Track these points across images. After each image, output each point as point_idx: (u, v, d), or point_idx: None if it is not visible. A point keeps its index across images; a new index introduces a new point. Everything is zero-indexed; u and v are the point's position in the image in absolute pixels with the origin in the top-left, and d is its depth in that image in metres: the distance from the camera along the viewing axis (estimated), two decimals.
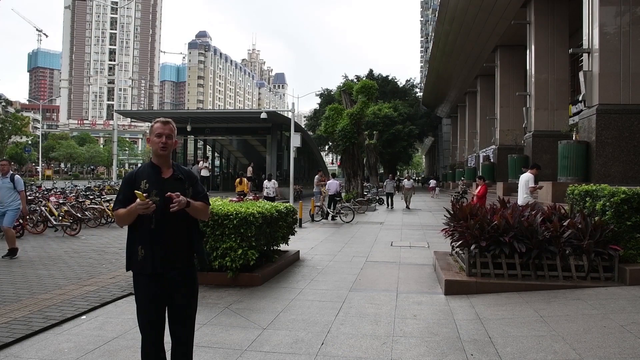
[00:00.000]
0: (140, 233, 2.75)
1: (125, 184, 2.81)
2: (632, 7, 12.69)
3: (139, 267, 2.76)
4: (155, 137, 2.80)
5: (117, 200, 2.78)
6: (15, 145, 67.17)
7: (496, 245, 5.64)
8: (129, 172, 2.93)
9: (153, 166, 2.83)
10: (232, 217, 5.97)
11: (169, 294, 2.81)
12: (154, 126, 2.84)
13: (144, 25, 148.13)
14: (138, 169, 2.88)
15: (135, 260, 2.77)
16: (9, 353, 3.83)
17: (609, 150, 12.39)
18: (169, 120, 2.87)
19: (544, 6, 19.27)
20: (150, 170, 2.80)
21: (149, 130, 2.92)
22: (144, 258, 2.73)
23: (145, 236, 2.74)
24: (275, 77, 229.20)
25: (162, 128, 2.80)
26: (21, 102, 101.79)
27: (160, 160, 2.83)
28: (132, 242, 2.80)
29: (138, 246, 2.75)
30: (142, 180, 2.75)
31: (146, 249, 2.73)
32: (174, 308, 2.86)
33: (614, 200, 5.72)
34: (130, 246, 2.81)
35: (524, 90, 21.86)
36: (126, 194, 2.74)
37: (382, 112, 42.07)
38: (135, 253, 2.76)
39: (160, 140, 2.78)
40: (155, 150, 2.81)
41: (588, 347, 3.74)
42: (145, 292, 2.77)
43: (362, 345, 4.00)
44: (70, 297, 5.48)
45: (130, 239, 2.82)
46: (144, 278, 2.76)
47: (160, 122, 2.84)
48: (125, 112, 48.91)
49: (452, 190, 34.63)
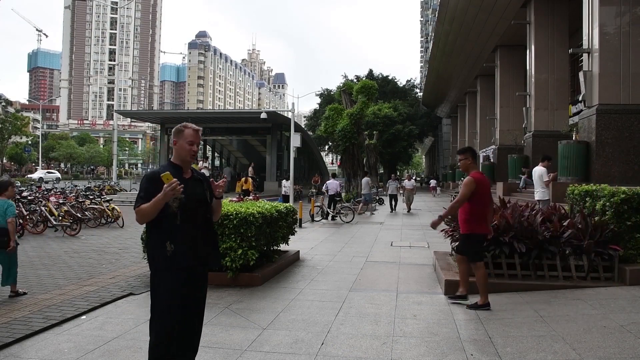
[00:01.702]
0: (166, 229, 2.78)
1: (150, 181, 2.81)
2: (632, 7, 12.68)
3: (169, 262, 2.76)
4: (187, 144, 2.91)
5: (139, 197, 2.77)
6: (15, 145, 67.14)
7: (496, 245, 5.64)
8: (151, 171, 2.93)
9: (175, 166, 2.90)
10: (232, 217, 5.97)
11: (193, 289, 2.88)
12: (186, 132, 2.91)
13: (144, 25, 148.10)
14: (160, 168, 2.91)
15: (164, 256, 2.76)
16: (9, 353, 3.83)
17: (609, 150, 12.38)
18: (199, 129, 3.01)
19: (544, 6, 19.26)
20: (172, 170, 2.85)
21: (177, 133, 2.94)
22: (174, 253, 2.76)
23: (172, 232, 2.78)
24: (275, 77, 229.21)
25: (194, 136, 2.93)
26: (21, 102, 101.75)
27: (184, 163, 2.93)
28: (157, 239, 2.80)
29: (165, 242, 2.77)
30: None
31: (176, 244, 2.77)
32: (194, 301, 2.93)
33: (614, 200, 5.72)
34: (154, 243, 2.81)
35: (524, 90, 21.85)
36: (150, 191, 2.75)
37: (382, 112, 42.07)
38: (163, 249, 2.76)
39: (192, 148, 2.92)
40: (185, 155, 2.91)
41: (588, 347, 3.75)
42: (175, 286, 2.77)
43: (362, 345, 4.00)
44: (70, 297, 5.48)
45: (154, 236, 2.82)
46: (173, 273, 2.77)
47: (193, 129, 2.94)
48: (125, 112, 48.98)
49: (452, 190, 34.61)
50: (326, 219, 16.05)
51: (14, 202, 5.97)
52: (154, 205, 2.69)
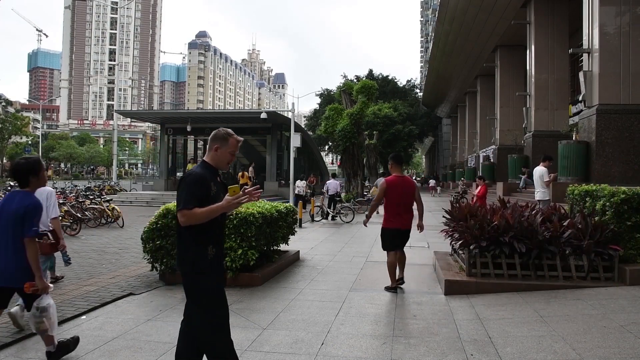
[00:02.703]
0: (209, 233, 2.81)
1: (198, 184, 2.77)
2: (632, 7, 12.69)
3: (211, 266, 2.82)
4: (229, 153, 2.93)
5: (191, 198, 2.71)
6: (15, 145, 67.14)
7: (496, 245, 5.64)
8: (198, 173, 2.82)
9: (211, 168, 2.92)
10: (232, 217, 5.98)
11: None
12: (231, 141, 2.94)
13: (144, 25, 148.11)
14: (204, 172, 2.85)
15: (206, 260, 2.80)
16: (9, 353, 3.83)
17: (609, 151, 12.38)
18: (241, 139, 3.05)
19: (544, 6, 19.26)
20: (213, 175, 2.89)
21: (222, 140, 2.93)
22: (215, 256, 2.84)
23: (215, 236, 2.85)
24: (275, 77, 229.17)
25: (237, 147, 2.98)
26: (21, 102, 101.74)
27: (221, 168, 2.98)
28: (200, 243, 2.80)
29: (208, 246, 2.80)
30: (211, 183, 2.83)
31: (217, 248, 2.85)
32: None
33: (614, 200, 5.72)
34: (197, 247, 2.79)
35: (524, 90, 21.85)
36: (199, 194, 2.74)
37: (382, 112, 42.05)
38: (205, 253, 2.79)
39: (232, 158, 2.97)
40: (222, 163, 2.94)
41: (588, 347, 3.74)
42: (218, 290, 2.86)
43: (362, 345, 4.00)
44: (70, 297, 5.48)
45: (197, 240, 2.79)
46: (213, 276, 2.85)
47: (237, 140, 2.98)
48: (125, 112, 48.90)
49: (452, 190, 34.61)
50: (326, 219, 16.06)
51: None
52: (209, 213, 2.71)
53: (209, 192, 2.76)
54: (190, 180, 2.79)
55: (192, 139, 31.88)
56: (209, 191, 2.76)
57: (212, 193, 2.77)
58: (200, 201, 2.71)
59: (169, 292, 5.79)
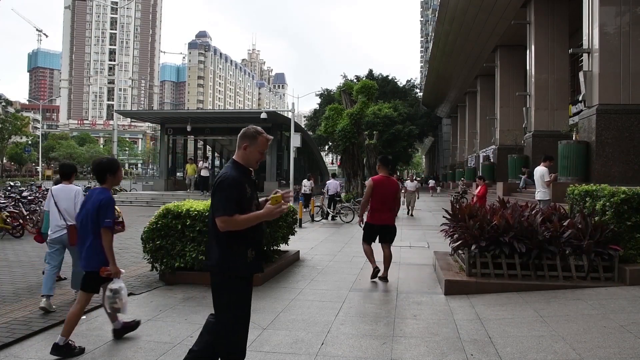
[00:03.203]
0: (248, 237, 2.80)
1: (235, 188, 2.76)
2: (632, 7, 12.69)
3: (249, 269, 2.82)
4: (258, 152, 2.92)
5: (231, 204, 2.69)
6: (15, 145, 67.19)
7: (496, 245, 5.64)
8: (233, 176, 2.79)
9: (242, 168, 2.90)
10: None
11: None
12: (260, 140, 2.90)
13: (144, 25, 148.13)
14: (237, 173, 2.83)
15: (244, 263, 2.79)
16: (9, 353, 3.83)
17: (609, 151, 12.38)
18: (271, 138, 3.05)
19: (544, 6, 19.26)
20: (246, 176, 2.89)
21: (251, 138, 2.91)
22: (255, 259, 2.83)
23: (254, 238, 2.84)
24: (275, 77, 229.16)
25: (266, 146, 2.95)
26: (21, 102, 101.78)
27: (251, 167, 2.97)
28: (240, 245, 2.78)
29: (248, 249, 2.80)
30: (246, 184, 2.82)
31: (256, 250, 2.84)
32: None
33: (614, 200, 5.72)
34: (236, 249, 2.78)
35: (524, 90, 21.85)
36: (238, 199, 2.73)
37: (382, 112, 42.03)
38: (244, 256, 2.79)
39: (262, 157, 2.96)
40: (252, 162, 2.93)
41: (588, 347, 3.74)
42: (248, 292, 2.88)
43: (362, 345, 4.00)
44: (70, 297, 5.48)
45: (236, 242, 2.78)
46: (246, 280, 2.85)
47: (266, 138, 2.95)
48: (125, 112, 48.90)
49: (452, 190, 34.61)
50: (326, 219, 16.06)
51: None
52: (251, 220, 2.73)
53: (244, 194, 2.76)
54: (226, 184, 2.75)
55: (192, 139, 31.85)
56: (244, 193, 2.76)
57: (247, 195, 2.77)
58: (238, 205, 2.71)
59: (169, 292, 5.79)
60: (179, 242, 6.11)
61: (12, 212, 11.19)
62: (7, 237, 10.82)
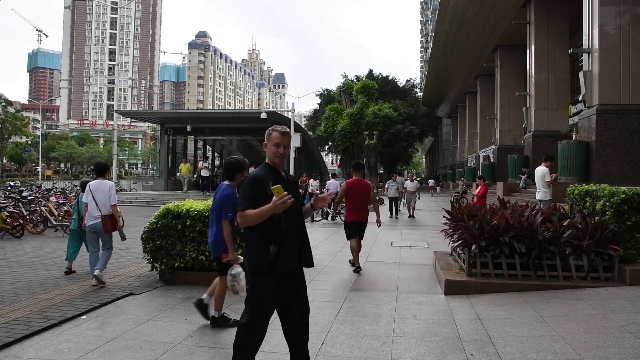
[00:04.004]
0: (270, 233, 2.82)
1: (253, 185, 2.86)
2: (632, 7, 12.69)
3: (273, 266, 2.82)
4: (273, 146, 2.97)
5: (245, 199, 2.81)
6: (15, 145, 67.18)
7: (496, 245, 5.64)
8: (254, 174, 2.94)
9: (272, 169, 2.98)
10: None
11: (289, 293, 2.92)
12: (273, 135, 2.99)
13: (144, 25, 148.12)
14: (261, 172, 2.94)
15: (267, 260, 2.81)
16: (9, 353, 3.83)
17: (609, 150, 12.38)
18: (287, 130, 3.07)
19: (544, 6, 19.25)
20: (271, 173, 2.93)
21: (267, 136, 3.02)
22: (278, 256, 2.82)
23: (277, 235, 2.83)
24: (275, 77, 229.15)
25: (281, 138, 2.98)
26: (21, 102, 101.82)
27: (276, 166, 3.01)
28: (260, 242, 2.83)
29: (269, 245, 2.81)
30: (269, 182, 2.85)
31: (280, 247, 2.83)
32: (296, 302, 2.97)
33: (614, 200, 5.72)
34: (257, 246, 2.84)
35: (524, 90, 21.85)
36: (254, 195, 2.81)
37: (382, 112, 42.02)
38: (266, 252, 2.81)
39: (277, 150, 2.98)
40: (273, 158, 2.99)
41: (588, 347, 3.74)
42: (273, 291, 2.85)
43: (362, 345, 4.00)
44: (70, 297, 5.48)
45: (256, 239, 2.85)
46: (273, 278, 2.83)
47: (279, 132, 3.00)
48: (125, 112, 48.88)
49: (452, 190, 34.61)
50: (326, 219, 16.05)
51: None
52: (260, 215, 2.75)
53: (264, 191, 2.80)
54: (245, 182, 2.94)
55: (192, 139, 31.81)
56: (264, 190, 2.80)
57: (268, 192, 2.80)
58: (255, 202, 2.78)
59: (169, 292, 5.79)
60: (179, 242, 6.12)
61: (12, 212, 11.19)
62: (7, 237, 10.82)
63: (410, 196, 17.33)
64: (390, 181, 17.78)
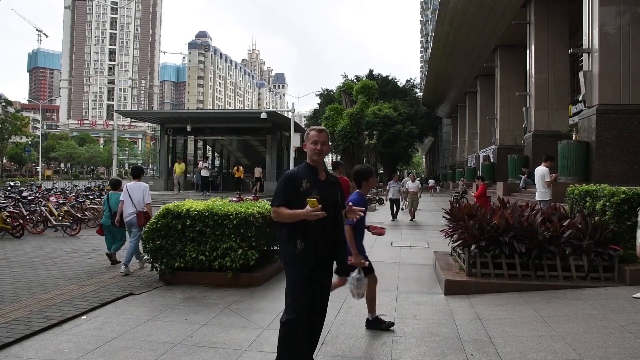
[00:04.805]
0: (299, 228, 2.96)
1: (288, 182, 3.02)
2: (632, 7, 12.68)
3: (297, 258, 2.97)
4: (311, 144, 3.13)
5: (279, 196, 2.99)
6: (15, 146, 67.18)
7: (496, 245, 5.64)
8: (289, 172, 3.13)
9: (310, 168, 3.11)
10: (232, 217, 5.97)
11: (317, 287, 3.09)
12: (310, 133, 3.17)
13: (144, 25, 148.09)
14: (297, 170, 3.10)
15: (293, 253, 2.98)
16: (9, 353, 3.83)
17: (609, 150, 12.38)
18: (323, 128, 3.20)
19: (544, 6, 19.24)
20: (308, 172, 3.06)
21: (305, 136, 3.19)
22: (303, 251, 2.96)
23: (305, 231, 2.96)
24: (275, 77, 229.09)
25: (318, 136, 3.14)
26: (21, 102, 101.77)
27: (316, 164, 3.12)
28: (290, 236, 2.99)
29: (297, 240, 2.96)
30: (303, 180, 2.99)
31: (306, 242, 2.97)
32: (319, 299, 3.16)
33: (614, 200, 5.72)
34: (288, 239, 3.01)
35: (524, 90, 21.83)
36: (288, 191, 2.99)
37: (382, 112, 42.05)
38: (293, 246, 2.97)
39: (315, 147, 3.11)
40: (311, 155, 3.13)
41: (588, 347, 3.75)
42: (304, 282, 3.00)
43: (362, 345, 4.00)
44: (70, 297, 5.48)
45: (287, 233, 3.01)
46: (299, 269, 2.99)
47: (316, 130, 3.16)
48: (125, 112, 48.85)
49: (452, 190, 34.60)
50: None
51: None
52: (292, 217, 2.93)
53: (298, 188, 2.96)
54: (281, 179, 3.12)
55: (192, 139, 31.81)
56: (298, 188, 2.96)
57: (301, 189, 2.95)
58: (288, 198, 2.96)
59: (169, 292, 5.79)
60: (179, 242, 6.12)
61: (12, 212, 11.18)
62: (7, 237, 10.82)
63: (411, 197, 16.05)
64: (392, 182, 16.81)
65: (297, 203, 2.95)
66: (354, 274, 4.12)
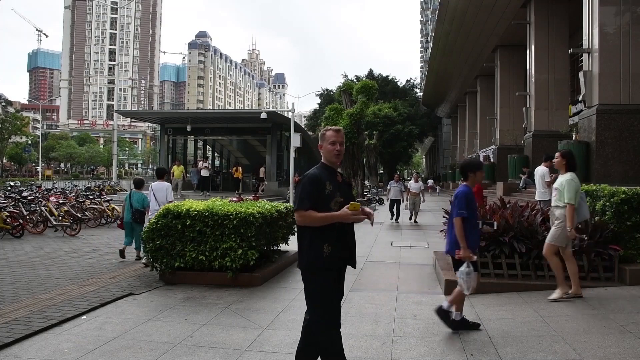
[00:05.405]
0: (325, 232, 2.89)
1: (313, 184, 2.92)
2: (632, 7, 12.68)
3: (327, 263, 2.90)
4: (329, 144, 3.02)
5: (306, 199, 2.87)
6: (15, 145, 67.13)
7: (496, 245, 5.64)
8: (312, 174, 2.98)
9: (329, 169, 3.03)
10: (232, 217, 5.98)
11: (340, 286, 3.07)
12: (327, 134, 3.06)
13: (144, 25, 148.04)
14: (318, 171, 3.00)
15: (321, 257, 2.89)
16: (9, 353, 3.83)
17: (609, 150, 12.38)
18: (340, 128, 3.12)
19: (543, 6, 19.25)
20: (328, 174, 2.99)
21: (321, 137, 3.09)
22: (331, 255, 2.90)
23: (333, 235, 2.90)
24: (275, 77, 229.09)
25: (336, 136, 3.04)
26: (21, 102, 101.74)
27: (333, 165, 3.06)
28: (315, 240, 2.91)
29: (324, 244, 2.89)
30: (326, 182, 2.92)
31: (333, 246, 2.91)
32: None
33: (614, 200, 5.72)
34: (313, 244, 2.92)
35: (524, 90, 21.84)
36: (314, 195, 2.88)
37: (382, 112, 42.07)
38: (320, 250, 2.89)
39: (334, 147, 3.02)
40: (330, 157, 3.03)
41: (588, 347, 3.75)
42: (332, 284, 2.96)
43: (362, 345, 4.00)
44: (70, 297, 5.48)
45: (311, 237, 2.92)
46: (329, 273, 2.93)
47: (333, 130, 3.07)
48: (125, 112, 48.91)
49: (452, 190, 34.60)
50: None
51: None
52: (324, 220, 2.85)
53: (322, 191, 2.89)
54: (305, 180, 2.96)
55: (192, 139, 31.81)
56: (322, 190, 2.89)
57: (326, 192, 2.89)
58: (315, 200, 2.86)
59: (169, 292, 5.79)
60: (179, 242, 6.12)
61: (12, 212, 11.18)
62: (7, 237, 10.82)
63: (413, 198, 15.27)
64: (393, 182, 16.16)
65: (322, 206, 2.87)
66: (463, 268, 4.08)
